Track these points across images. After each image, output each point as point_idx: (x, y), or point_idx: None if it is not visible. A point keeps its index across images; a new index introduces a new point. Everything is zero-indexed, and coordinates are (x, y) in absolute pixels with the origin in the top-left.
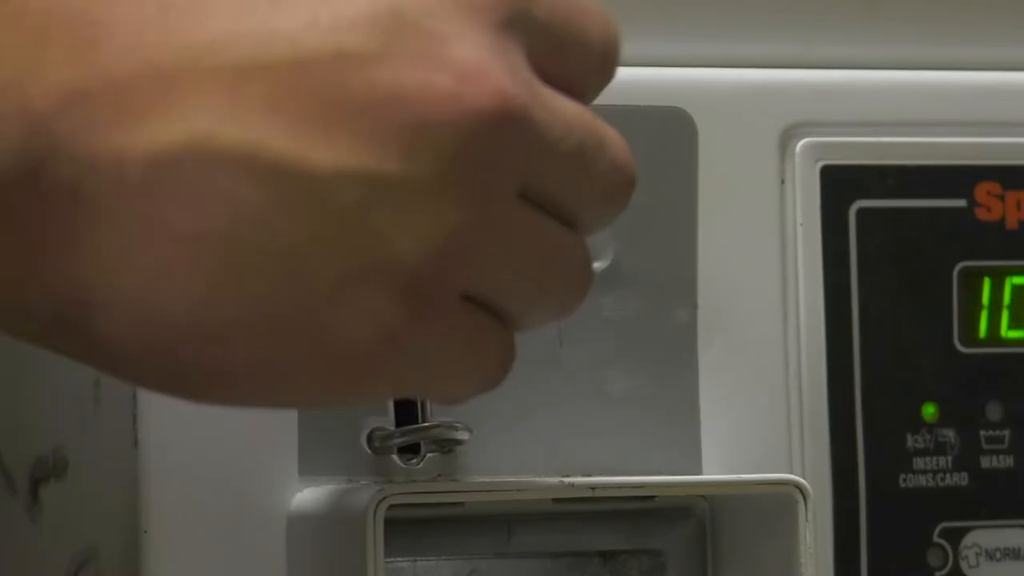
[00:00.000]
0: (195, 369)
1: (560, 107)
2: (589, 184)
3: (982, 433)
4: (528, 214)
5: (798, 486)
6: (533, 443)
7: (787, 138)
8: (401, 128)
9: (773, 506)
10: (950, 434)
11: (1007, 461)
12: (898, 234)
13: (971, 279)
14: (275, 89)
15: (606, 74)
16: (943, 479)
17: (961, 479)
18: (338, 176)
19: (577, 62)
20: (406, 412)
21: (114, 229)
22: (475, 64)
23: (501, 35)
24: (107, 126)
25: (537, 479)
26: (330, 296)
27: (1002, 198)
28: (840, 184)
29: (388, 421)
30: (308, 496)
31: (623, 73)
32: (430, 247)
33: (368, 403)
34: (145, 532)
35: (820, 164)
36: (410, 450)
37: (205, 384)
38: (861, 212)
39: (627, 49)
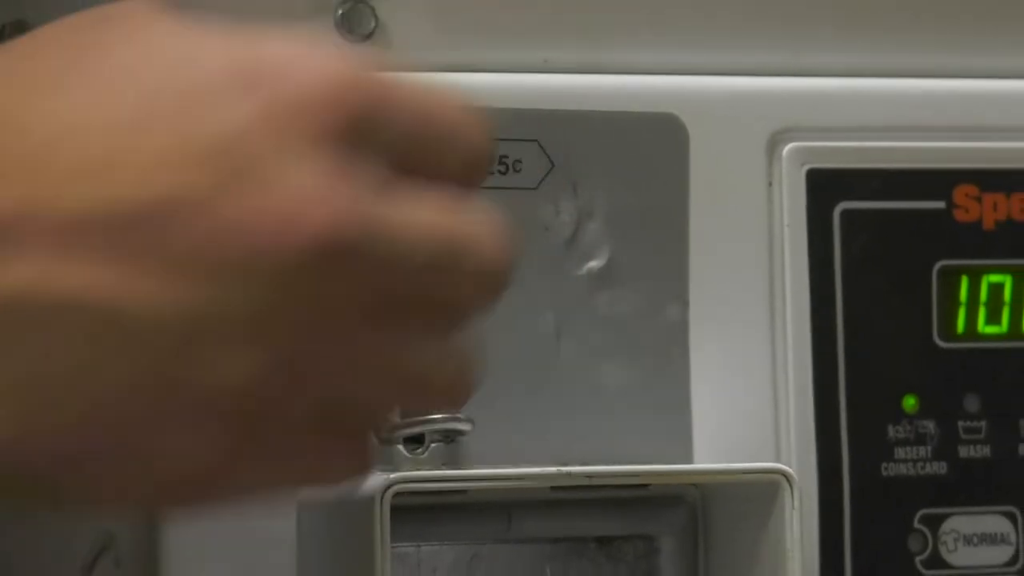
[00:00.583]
0: (22, 483)
1: (410, 220)
2: (450, 289)
3: (960, 424)
4: (371, 332)
5: (785, 474)
6: (532, 434)
7: (774, 143)
8: (230, 263)
9: (761, 493)
10: (930, 425)
11: (984, 451)
12: (880, 234)
13: (950, 277)
14: (104, 236)
15: (473, 176)
16: (923, 468)
17: (940, 468)
18: (158, 318)
19: (438, 161)
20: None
21: None
22: (304, 198)
23: (340, 151)
24: None
25: (536, 468)
26: (162, 427)
27: (979, 200)
28: (825, 187)
29: (394, 413)
30: None
31: (617, 80)
32: (257, 375)
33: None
34: (162, 519)
35: (806, 168)
36: (415, 441)
37: (45, 502)
38: (845, 214)
39: (622, 58)
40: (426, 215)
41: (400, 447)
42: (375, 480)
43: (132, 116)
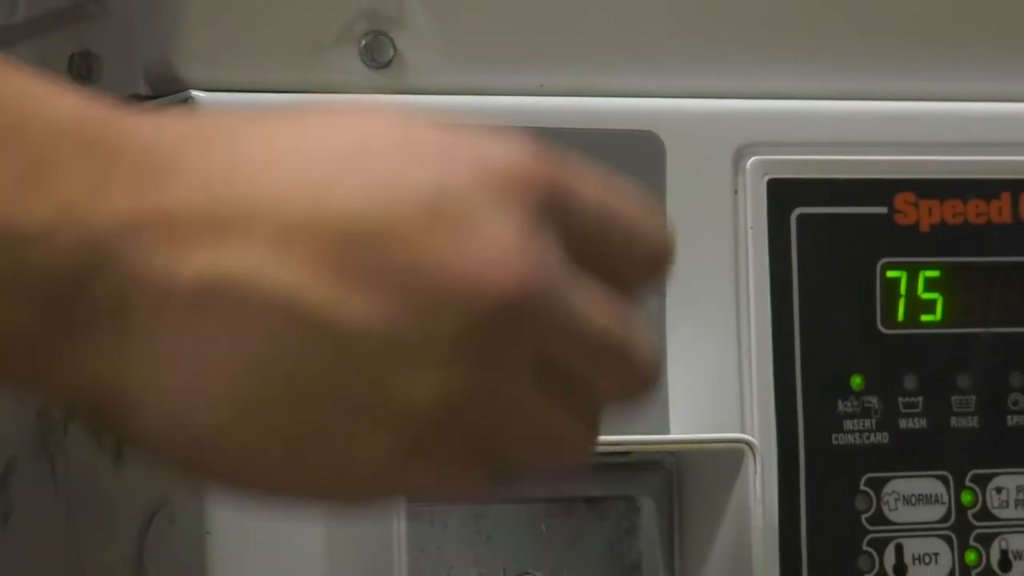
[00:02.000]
0: (210, 477)
1: (590, 297)
2: (604, 374)
3: (900, 400)
4: (531, 390)
5: (749, 444)
6: None
7: (739, 156)
8: (428, 298)
9: (728, 460)
10: (874, 401)
11: (921, 423)
12: (831, 235)
13: (891, 273)
14: (322, 247)
15: (653, 272)
16: (868, 438)
17: (883, 438)
18: (364, 332)
19: (619, 255)
20: None
21: (153, 346)
22: (503, 248)
23: (537, 219)
24: (160, 252)
25: None
26: (340, 432)
27: (916, 206)
28: (783, 194)
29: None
30: None
31: (604, 103)
32: (432, 405)
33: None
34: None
35: (767, 178)
36: None
37: (217, 486)
38: (801, 217)
39: (607, 83)
40: (599, 303)
41: None
42: None
43: (346, 155)
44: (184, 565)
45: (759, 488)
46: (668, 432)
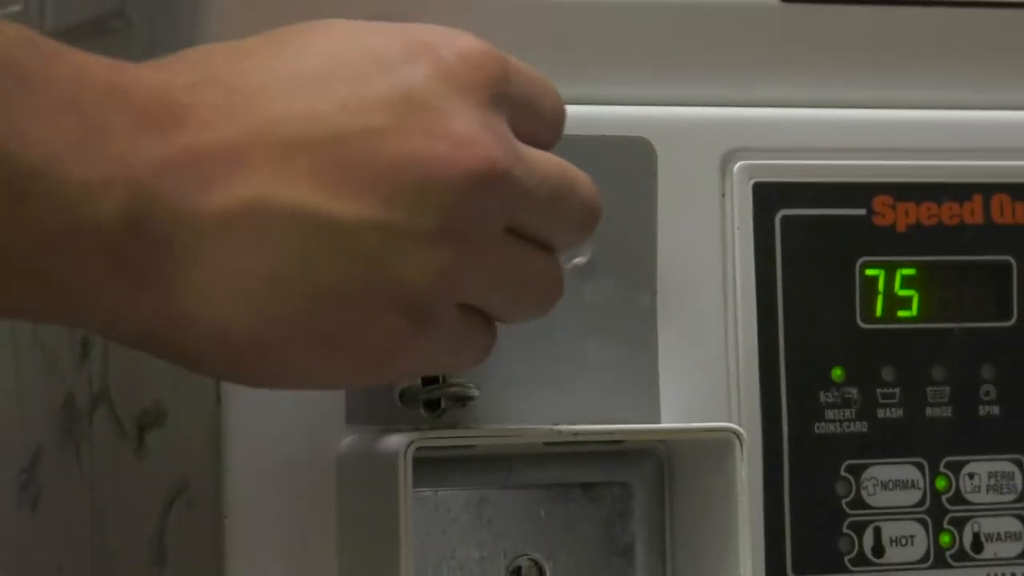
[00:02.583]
0: (255, 371)
1: (536, 160)
2: (562, 219)
3: (878, 391)
4: (510, 246)
5: (735, 432)
6: (529, 399)
7: (727, 161)
8: (410, 187)
9: (716, 448)
10: (853, 391)
11: (898, 412)
12: (813, 236)
13: (870, 271)
14: (315, 160)
15: (559, 131)
16: (848, 427)
17: (862, 427)
18: (362, 226)
19: (541, 124)
20: (430, 375)
21: (195, 269)
22: (468, 135)
23: (488, 110)
24: (190, 190)
25: (532, 427)
26: (357, 317)
27: (894, 208)
28: (768, 197)
29: (416, 382)
30: (353, 441)
31: (600, 110)
32: (431, 277)
33: (393, 383)
34: (227, 469)
35: (753, 181)
36: (433, 404)
37: (262, 381)
38: (784, 219)
39: (603, 93)
40: (545, 161)
41: (421, 410)
42: (400, 437)
43: (323, 76)
44: (202, 547)
45: (745, 474)
46: (659, 421)
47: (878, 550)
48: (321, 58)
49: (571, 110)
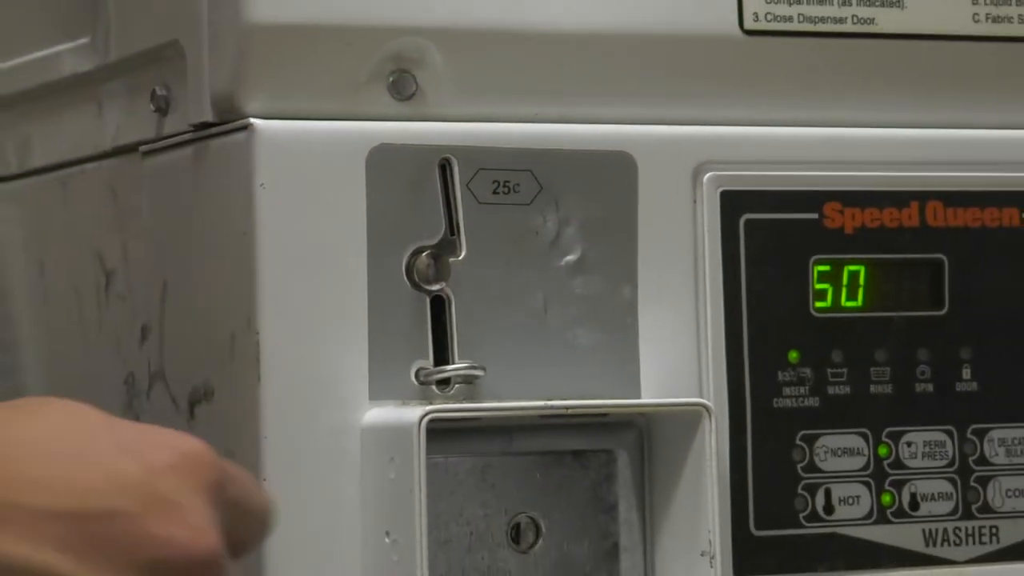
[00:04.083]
0: None
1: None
2: None
3: (828, 371)
4: None
5: (705, 406)
6: (527, 378)
7: (698, 172)
8: (148, 563)
9: (689, 420)
10: (807, 371)
11: (845, 389)
12: (772, 237)
13: (821, 267)
14: (65, 531)
15: (263, 534)
16: (802, 402)
17: (815, 402)
18: None
19: (249, 526)
20: (441, 356)
21: None
22: (202, 527)
23: (212, 507)
24: None
25: (530, 403)
26: None
27: (842, 212)
28: (733, 203)
29: (429, 363)
30: (375, 413)
31: (586, 128)
32: None
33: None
34: (265, 438)
35: (720, 189)
36: (444, 382)
37: None
38: (748, 222)
39: (589, 112)
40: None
41: (434, 387)
42: (416, 411)
43: (77, 451)
44: None
45: (714, 443)
46: (639, 397)
47: (828, 508)
48: (77, 438)
49: (561, 129)
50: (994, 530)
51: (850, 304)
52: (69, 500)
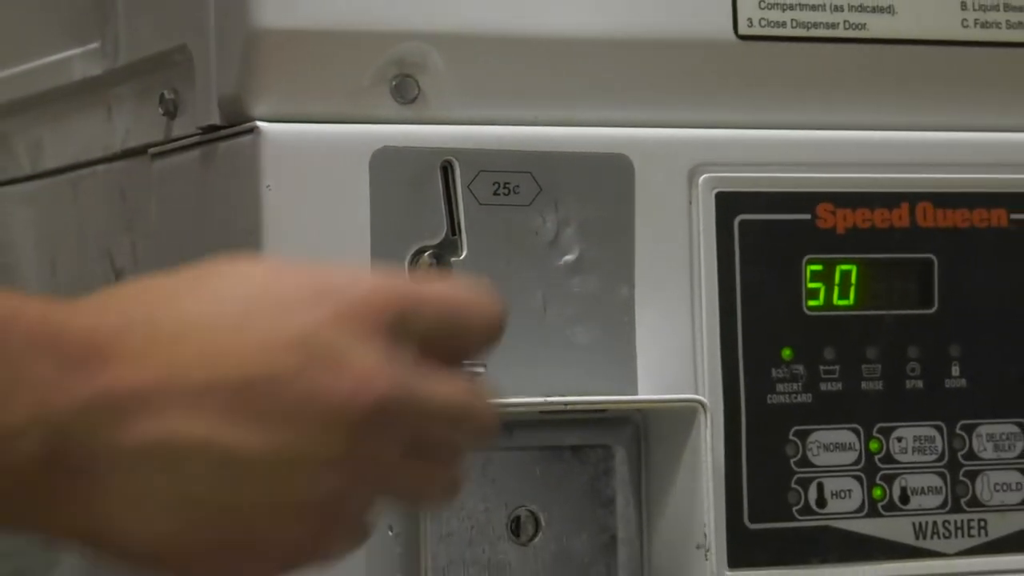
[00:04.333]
0: (171, 571)
1: (436, 390)
2: (459, 438)
3: (821, 368)
4: (408, 464)
5: (701, 403)
6: (527, 375)
7: (693, 174)
8: (314, 420)
9: (684, 416)
10: (800, 368)
11: (837, 386)
12: (766, 237)
13: (813, 267)
14: (226, 398)
15: (493, 338)
16: (795, 398)
17: (807, 398)
18: (268, 455)
19: (466, 341)
20: None
21: (112, 497)
22: (366, 374)
23: (389, 346)
24: (106, 428)
25: (529, 399)
26: (265, 531)
27: (834, 213)
28: (728, 204)
29: None
30: None
31: (585, 131)
32: (334, 496)
33: None
34: None
35: (715, 191)
36: None
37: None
38: (742, 223)
39: (587, 116)
40: (445, 387)
41: None
42: None
43: (236, 321)
44: None
45: (709, 438)
46: (636, 394)
47: (821, 502)
48: (234, 303)
49: (560, 132)
50: (982, 523)
51: (842, 303)
52: (229, 371)
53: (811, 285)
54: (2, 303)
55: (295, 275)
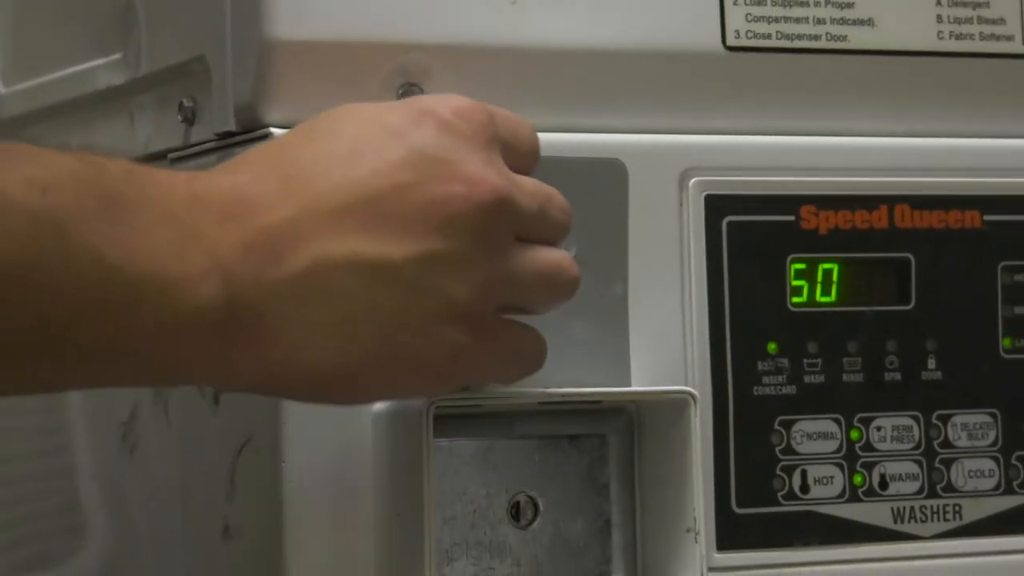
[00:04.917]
0: (344, 396)
1: (524, 184)
2: (550, 222)
3: (804, 361)
4: (524, 250)
5: (691, 394)
6: None
7: (684, 177)
8: (440, 223)
9: (675, 407)
10: (785, 361)
11: (820, 378)
12: (753, 237)
13: (797, 265)
14: (360, 217)
15: (537, 157)
16: (780, 389)
17: (792, 390)
18: (408, 261)
19: (522, 154)
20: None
21: (282, 327)
22: (476, 175)
23: (485, 151)
24: (267, 265)
25: (529, 390)
26: (420, 337)
27: (817, 215)
28: (717, 206)
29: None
30: (386, 402)
31: (580, 137)
32: (471, 288)
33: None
34: (284, 423)
35: (705, 193)
36: None
37: (352, 402)
38: (730, 224)
39: (583, 122)
40: (530, 183)
41: None
42: (423, 399)
43: (355, 150)
44: (264, 485)
45: (698, 428)
46: (630, 386)
47: (804, 488)
48: (349, 138)
49: (558, 138)
50: (957, 508)
51: (824, 300)
52: (358, 191)
53: (795, 283)
54: (160, 179)
55: (394, 106)
